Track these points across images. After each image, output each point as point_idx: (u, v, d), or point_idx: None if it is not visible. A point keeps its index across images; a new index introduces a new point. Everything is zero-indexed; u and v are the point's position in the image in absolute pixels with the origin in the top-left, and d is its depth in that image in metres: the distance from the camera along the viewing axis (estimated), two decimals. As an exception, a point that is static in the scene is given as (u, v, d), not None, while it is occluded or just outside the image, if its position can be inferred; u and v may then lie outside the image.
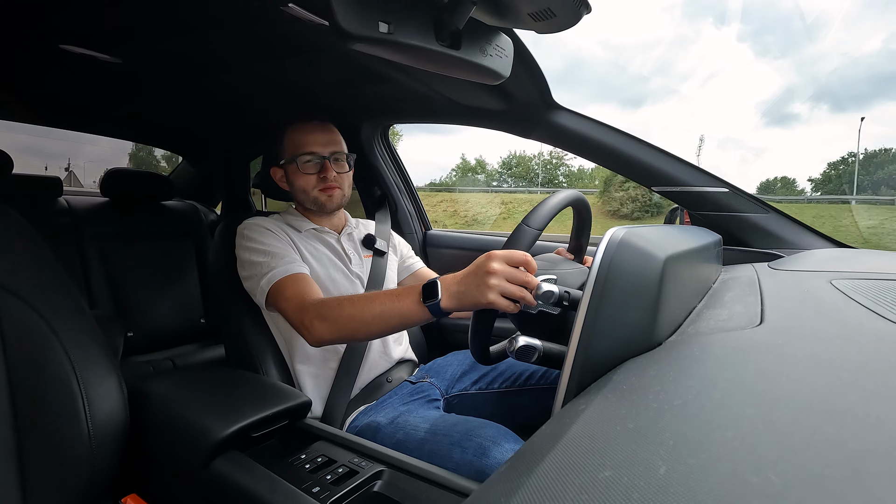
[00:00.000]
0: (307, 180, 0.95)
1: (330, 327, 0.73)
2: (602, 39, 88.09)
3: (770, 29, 73.20)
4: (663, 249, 0.43)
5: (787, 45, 69.70)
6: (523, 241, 0.62)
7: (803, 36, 67.90)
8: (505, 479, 0.26)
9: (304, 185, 0.96)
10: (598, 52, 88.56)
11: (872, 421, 0.24)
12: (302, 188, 0.96)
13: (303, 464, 0.61)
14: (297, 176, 0.96)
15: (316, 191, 0.96)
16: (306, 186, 0.96)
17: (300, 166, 0.94)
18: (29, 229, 0.62)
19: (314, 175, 0.95)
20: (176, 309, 1.73)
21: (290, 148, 0.96)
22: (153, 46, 0.93)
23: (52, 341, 0.58)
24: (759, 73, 68.75)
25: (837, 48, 66.80)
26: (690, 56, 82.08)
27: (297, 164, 0.95)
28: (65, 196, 1.64)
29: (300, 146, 0.95)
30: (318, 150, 0.95)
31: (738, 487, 0.20)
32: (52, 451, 0.57)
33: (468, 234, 1.54)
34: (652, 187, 1.06)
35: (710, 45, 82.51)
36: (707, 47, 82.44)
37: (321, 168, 0.95)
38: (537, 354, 0.56)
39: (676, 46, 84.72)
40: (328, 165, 0.95)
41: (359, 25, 0.49)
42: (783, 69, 65.79)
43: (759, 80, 67.54)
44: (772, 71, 66.01)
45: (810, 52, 67.84)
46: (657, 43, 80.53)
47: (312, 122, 0.98)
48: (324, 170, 0.95)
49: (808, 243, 0.96)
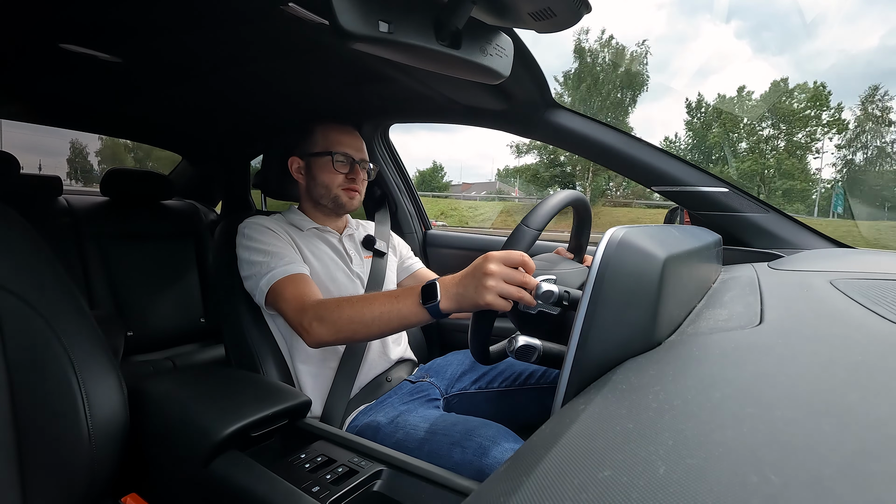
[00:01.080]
0: (335, 178, 0.98)
1: (329, 329, 0.73)
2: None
3: (767, 26, 73.00)
4: (663, 249, 0.43)
5: (785, 42, 69.45)
6: (522, 242, 0.62)
7: (802, 32, 67.78)
8: (505, 478, 0.26)
9: (330, 182, 0.98)
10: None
11: (872, 421, 0.24)
12: (326, 183, 0.98)
13: (302, 463, 0.61)
14: (326, 170, 0.97)
15: (340, 189, 0.98)
16: (332, 183, 0.98)
17: (334, 163, 0.97)
18: (29, 229, 0.62)
19: (342, 174, 0.98)
20: (176, 309, 1.73)
21: (324, 143, 0.98)
22: (153, 46, 0.93)
23: (52, 341, 0.58)
24: (758, 70, 68.55)
25: (835, 45, 66.59)
26: (689, 53, 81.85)
27: (331, 159, 0.97)
28: (65, 196, 1.64)
29: (337, 144, 0.98)
30: (351, 153, 0.99)
31: (738, 487, 0.20)
32: (52, 450, 0.57)
33: (468, 234, 1.54)
34: (652, 187, 1.06)
35: (709, 42, 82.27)
36: (705, 44, 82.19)
37: (351, 169, 0.99)
38: (537, 354, 0.56)
39: (674, 43, 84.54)
40: (357, 169, 0.99)
41: (359, 25, 0.49)
42: (781, 65, 65.58)
43: (757, 76, 67.31)
44: (770, 67, 65.82)
45: (808, 49, 67.63)
46: (655, 40, 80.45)
47: (347, 127, 1.02)
48: (353, 172, 0.99)
49: (808, 243, 0.96)
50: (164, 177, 1.81)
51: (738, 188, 1.01)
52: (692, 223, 1.05)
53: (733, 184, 1.02)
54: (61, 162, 49.03)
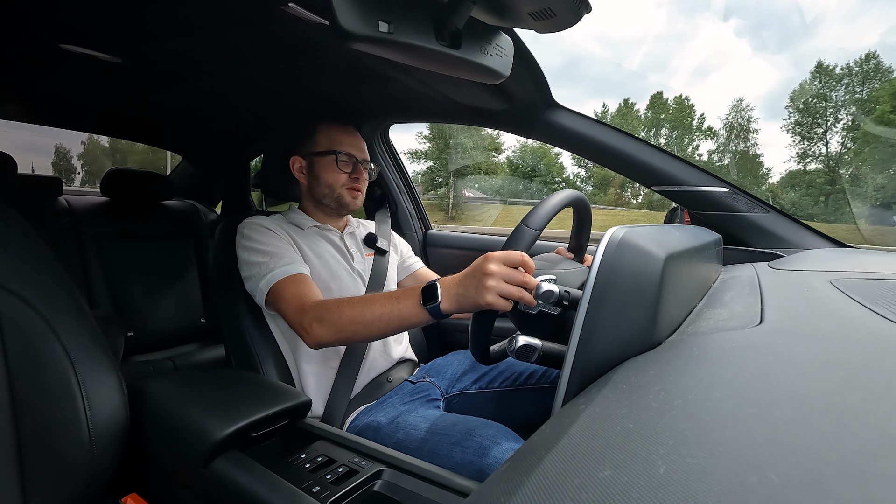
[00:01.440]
0: (338, 177, 0.98)
1: (329, 330, 0.73)
2: (598, 35, 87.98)
3: (767, 24, 72.83)
4: (663, 249, 0.43)
5: (784, 41, 69.31)
6: (522, 242, 0.62)
7: (801, 31, 67.65)
8: (505, 478, 0.26)
9: (334, 181, 0.98)
10: (596, 48, 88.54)
11: (872, 420, 0.24)
12: (330, 183, 0.98)
13: (303, 463, 0.61)
14: (330, 170, 0.98)
15: (343, 189, 0.99)
16: (335, 182, 0.98)
17: (338, 163, 0.97)
18: (29, 229, 0.62)
19: (346, 174, 0.99)
20: (176, 309, 1.73)
21: (327, 143, 0.98)
22: (153, 46, 0.93)
23: (52, 341, 0.58)
24: (757, 68, 68.47)
25: (835, 43, 66.42)
26: (689, 52, 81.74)
27: (335, 159, 0.97)
28: (65, 196, 1.64)
29: (340, 144, 0.98)
30: (355, 154, 0.99)
31: (738, 487, 0.20)
32: (52, 450, 0.57)
33: (468, 233, 1.54)
34: (652, 187, 1.06)
35: (708, 41, 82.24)
36: (705, 43, 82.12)
37: (354, 169, 0.99)
38: (537, 354, 0.56)
39: (674, 42, 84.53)
40: (360, 169, 1.00)
41: (359, 25, 0.49)
42: (781, 64, 65.45)
43: (756, 74, 67.25)
44: (769, 66, 65.71)
45: (808, 48, 67.50)
46: (655, 39, 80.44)
47: (349, 127, 1.02)
48: (356, 171, 1.00)
49: (808, 243, 0.96)
50: (165, 177, 1.81)
51: (738, 188, 1.01)
52: (692, 223, 1.05)
53: (733, 184, 1.02)
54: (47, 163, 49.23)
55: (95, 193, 1.80)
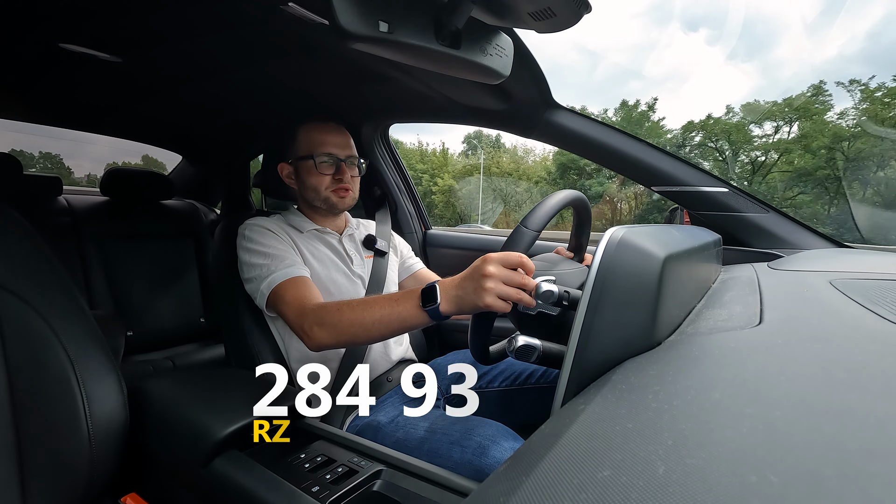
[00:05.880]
0: (321, 180, 0.96)
1: (329, 333, 0.73)
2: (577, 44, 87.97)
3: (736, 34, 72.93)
4: (663, 249, 0.43)
5: (752, 50, 69.27)
6: (521, 243, 0.62)
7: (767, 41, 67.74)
8: (504, 478, 0.26)
9: (318, 184, 0.96)
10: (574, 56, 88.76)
11: (872, 421, 0.24)
12: (314, 187, 0.96)
13: (302, 463, 0.61)
14: (312, 174, 0.96)
15: (329, 191, 0.96)
16: (319, 186, 0.96)
17: (317, 165, 0.95)
18: (29, 229, 0.62)
19: (329, 176, 0.96)
20: (176, 309, 1.73)
21: (307, 146, 0.96)
22: (153, 46, 0.93)
23: (52, 341, 0.58)
24: (729, 76, 68.43)
25: (797, 54, 66.53)
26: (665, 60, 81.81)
27: (314, 163, 0.95)
28: (65, 195, 1.64)
29: (318, 146, 0.96)
30: (335, 152, 0.96)
31: (738, 487, 0.20)
32: (52, 450, 0.57)
33: (468, 234, 1.54)
34: (652, 187, 1.06)
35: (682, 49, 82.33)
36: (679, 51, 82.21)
37: (337, 170, 0.96)
38: (537, 354, 0.56)
39: (649, 50, 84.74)
40: (344, 168, 0.97)
41: (359, 24, 0.49)
42: (750, 72, 65.52)
43: (729, 82, 67.24)
44: (740, 74, 65.85)
45: (774, 57, 67.57)
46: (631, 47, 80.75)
47: (329, 124, 0.99)
48: (339, 171, 0.96)
49: (808, 243, 0.96)
50: (165, 177, 1.81)
51: (738, 188, 1.01)
52: (692, 223, 1.05)
53: (733, 184, 1.02)
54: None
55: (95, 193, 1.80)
